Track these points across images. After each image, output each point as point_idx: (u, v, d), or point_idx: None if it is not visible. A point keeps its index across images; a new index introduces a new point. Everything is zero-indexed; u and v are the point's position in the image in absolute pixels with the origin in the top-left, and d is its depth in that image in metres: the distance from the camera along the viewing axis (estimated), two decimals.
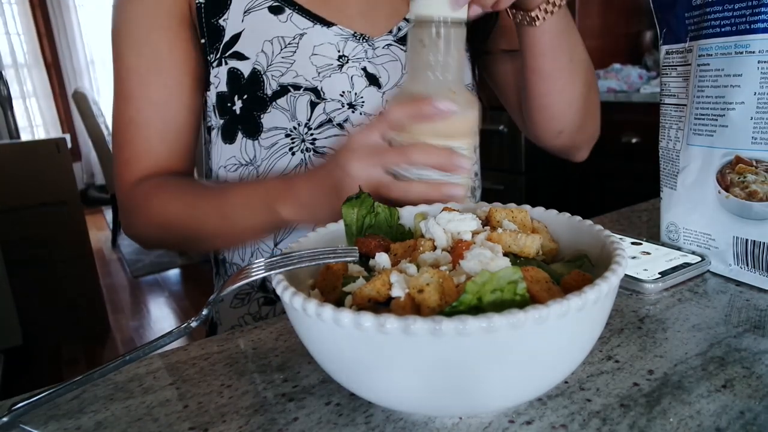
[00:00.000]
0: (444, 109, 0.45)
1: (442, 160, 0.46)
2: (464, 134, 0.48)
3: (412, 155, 0.46)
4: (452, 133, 0.47)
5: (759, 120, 0.47)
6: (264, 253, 0.68)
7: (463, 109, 0.47)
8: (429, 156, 0.46)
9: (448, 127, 0.47)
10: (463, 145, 0.48)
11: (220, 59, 0.64)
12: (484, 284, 0.29)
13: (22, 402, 0.36)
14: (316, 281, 0.38)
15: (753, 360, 0.39)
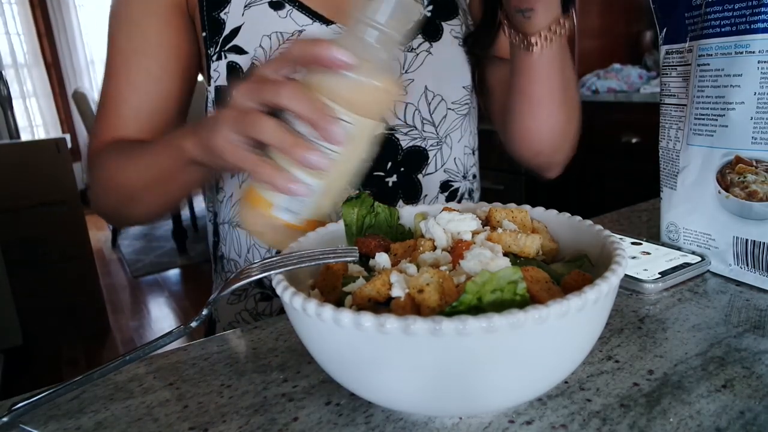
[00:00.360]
0: (341, 58, 0.38)
1: (313, 113, 0.38)
2: (359, 109, 0.40)
3: (282, 93, 0.39)
4: (345, 99, 0.39)
5: (759, 120, 0.47)
6: (261, 249, 0.68)
7: (370, 84, 0.40)
8: (300, 102, 0.38)
9: (343, 90, 0.39)
10: (352, 121, 0.40)
11: (220, 53, 0.64)
12: (484, 284, 0.29)
13: (22, 402, 0.36)
14: (316, 281, 0.38)
15: (753, 360, 0.39)
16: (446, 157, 0.72)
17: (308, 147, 0.39)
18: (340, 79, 0.39)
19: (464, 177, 0.75)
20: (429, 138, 0.70)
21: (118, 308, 2.78)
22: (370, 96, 0.40)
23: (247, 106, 0.41)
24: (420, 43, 0.68)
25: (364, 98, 0.40)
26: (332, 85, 0.39)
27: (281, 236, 0.43)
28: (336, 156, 0.40)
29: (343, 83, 0.39)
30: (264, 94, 0.40)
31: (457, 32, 0.71)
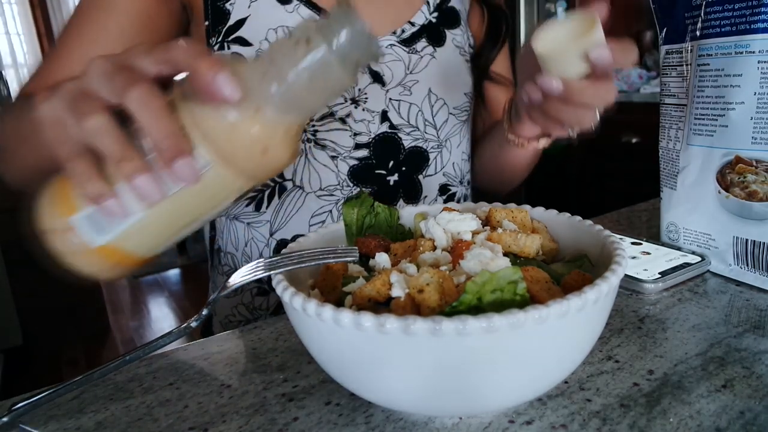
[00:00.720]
0: (222, 90, 0.30)
1: (161, 136, 0.30)
2: (223, 155, 0.31)
3: (132, 96, 0.30)
4: (211, 137, 0.31)
5: (759, 120, 0.47)
6: (258, 242, 0.68)
7: (249, 134, 0.31)
8: (150, 114, 0.30)
9: (213, 126, 0.31)
10: (208, 165, 0.31)
11: (222, 43, 0.63)
12: (484, 284, 0.29)
13: (22, 402, 0.36)
14: (316, 281, 0.38)
15: (753, 360, 0.39)
16: (445, 161, 0.73)
17: (140, 165, 0.30)
18: (216, 111, 0.31)
19: (461, 182, 0.76)
20: (430, 140, 0.71)
21: (118, 308, 2.77)
22: (242, 146, 0.31)
23: (92, 89, 0.32)
24: (424, 46, 0.69)
25: (234, 145, 0.31)
26: (204, 113, 0.31)
27: (69, 248, 0.35)
28: (174, 193, 0.32)
29: (217, 117, 0.31)
30: (114, 84, 0.31)
31: (459, 41, 0.72)
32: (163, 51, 0.32)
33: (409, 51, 0.68)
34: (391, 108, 0.67)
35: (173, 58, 0.32)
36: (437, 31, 0.70)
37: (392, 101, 0.67)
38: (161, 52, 0.32)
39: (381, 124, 0.67)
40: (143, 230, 0.34)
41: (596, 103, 0.43)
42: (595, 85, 0.41)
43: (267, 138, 0.32)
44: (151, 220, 0.33)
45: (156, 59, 0.32)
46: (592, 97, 0.41)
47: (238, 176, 0.33)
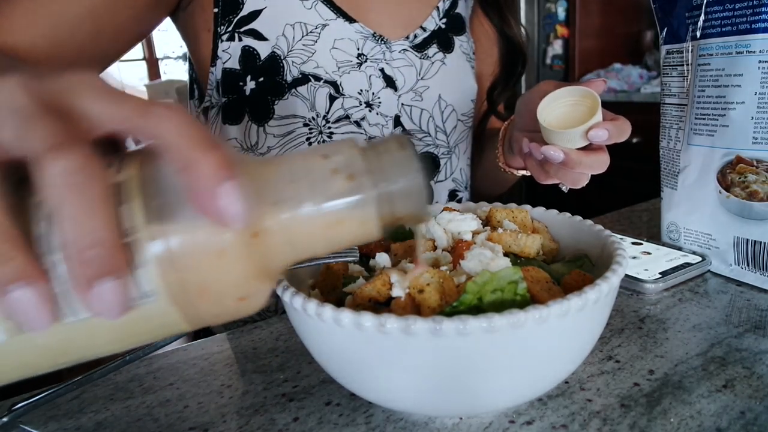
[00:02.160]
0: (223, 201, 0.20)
1: (90, 241, 0.19)
2: (175, 283, 0.21)
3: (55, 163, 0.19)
4: (174, 251, 0.21)
5: (760, 120, 0.47)
6: None
7: (235, 264, 0.22)
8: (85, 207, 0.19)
9: (183, 242, 0.21)
10: (152, 293, 0.21)
11: (233, 33, 0.61)
12: (485, 284, 0.29)
13: (22, 402, 0.36)
14: (317, 281, 0.38)
15: (754, 360, 0.39)
16: (454, 167, 0.74)
17: (27, 271, 0.19)
18: (200, 229, 0.21)
19: (466, 188, 0.77)
20: (441, 146, 0.72)
21: None
22: (221, 287, 0.22)
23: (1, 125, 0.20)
24: (435, 52, 0.70)
25: (208, 283, 0.22)
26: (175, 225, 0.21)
27: None
28: (70, 320, 0.20)
29: (197, 237, 0.21)
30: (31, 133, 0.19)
31: (465, 48, 0.73)
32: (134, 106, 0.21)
33: (421, 56, 0.69)
34: (403, 113, 0.68)
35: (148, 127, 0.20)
36: (446, 37, 0.71)
37: (404, 106, 0.68)
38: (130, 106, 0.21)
39: (394, 129, 0.67)
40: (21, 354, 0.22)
41: (591, 171, 0.46)
42: (591, 157, 0.45)
43: (258, 278, 0.23)
44: (12, 351, 0.21)
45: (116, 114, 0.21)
46: (586, 167, 0.45)
47: (185, 320, 0.22)
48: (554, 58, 2.55)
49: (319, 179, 0.23)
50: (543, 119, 0.44)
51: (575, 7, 2.40)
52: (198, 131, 0.20)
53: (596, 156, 0.45)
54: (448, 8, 0.72)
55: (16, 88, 0.20)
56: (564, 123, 0.44)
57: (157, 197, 0.21)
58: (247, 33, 0.61)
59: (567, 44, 2.50)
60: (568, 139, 0.44)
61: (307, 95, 0.62)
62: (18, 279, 0.19)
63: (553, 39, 2.53)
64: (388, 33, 0.67)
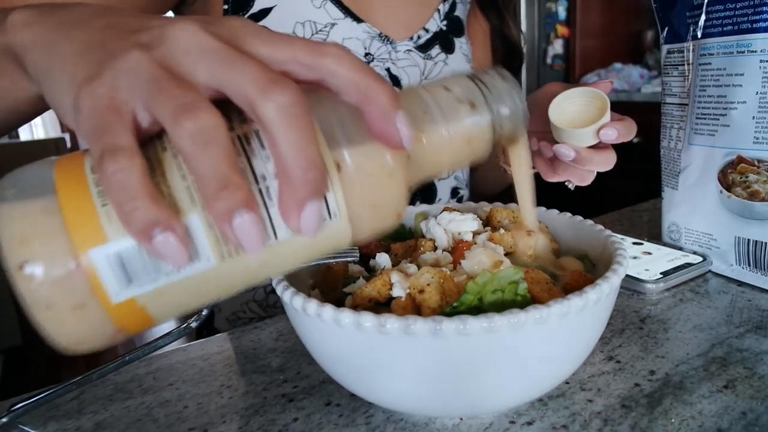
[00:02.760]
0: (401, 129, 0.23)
1: (298, 161, 0.21)
2: (360, 207, 0.24)
3: (272, 95, 0.20)
4: (355, 182, 0.24)
5: (761, 120, 0.47)
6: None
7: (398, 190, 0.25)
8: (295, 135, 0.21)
9: (371, 168, 0.24)
10: (337, 215, 0.23)
11: None
12: (485, 284, 0.28)
13: (22, 402, 0.35)
14: (317, 281, 0.38)
15: (755, 360, 0.39)
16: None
17: (245, 197, 0.20)
18: (377, 155, 0.24)
19: (466, 185, 0.79)
20: None
21: None
22: (387, 202, 0.25)
23: (189, 69, 0.21)
24: (438, 53, 0.71)
25: (378, 199, 0.25)
26: (359, 151, 0.24)
27: (64, 298, 0.21)
28: (274, 242, 0.23)
29: (375, 161, 0.24)
30: (243, 78, 0.21)
31: (464, 50, 0.75)
32: (305, 47, 0.23)
33: (425, 57, 0.70)
34: None
35: (324, 65, 0.22)
36: (447, 38, 0.72)
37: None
38: (302, 47, 0.23)
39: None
40: (197, 286, 0.23)
41: (599, 168, 0.49)
42: (601, 155, 0.47)
43: (408, 193, 0.26)
44: (219, 274, 0.23)
45: (290, 55, 0.22)
46: (596, 165, 0.48)
47: (353, 235, 0.25)
48: (555, 58, 2.55)
49: (448, 109, 0.27)
50: (555, 119, 0.46)
51: (576, 7, 2.40)
52: (368, 68, 0.23)
53: (605, 154, 0.47)
54: (447, 11, 0.73)
55: (199, 31, 0.21)
56: (575, 122, 0.47)
57: (334, 129, 0.23)
58: None
59: (567, 44, 2.50)
60: (579, 138, 0.46)
61: None
62: (245, 206, 0.20)
63: (553, 38, 2.53)
64: (393, 34, 0.68)
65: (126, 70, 0.21)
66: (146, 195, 0.20)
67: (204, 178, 0.20)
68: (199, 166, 0.20)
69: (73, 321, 0.22)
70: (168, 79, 0.21)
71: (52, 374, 2.13)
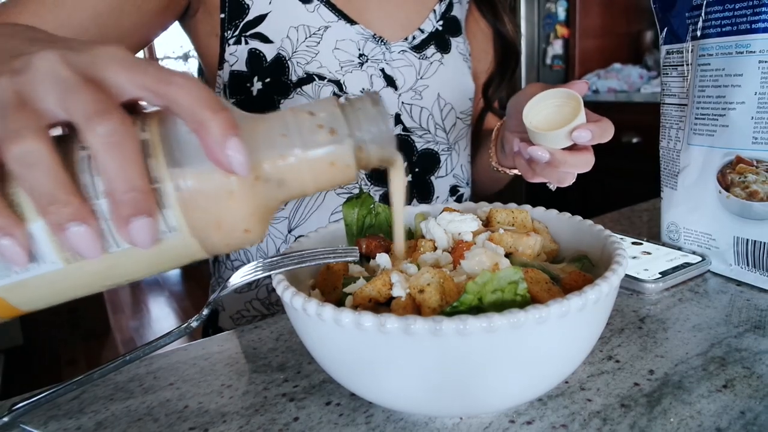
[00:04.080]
0: (228, 153, 0.24)
1: (125, 188, 0.23)
2: (197, 222, 0.26)
3: (96, 127, 0.23)
4: (188, 199, 0.25)
5: (760, 120, 0.47)
6: (276, 238, 0.69)
7: (236, 205, 0.26)
8: (121, 163, 0.23)
9: (197, 187, 0.25)
10: (174, 228, 0.26)
11: (240, 37, 0.63)
12: (485, 284, 0.29)
13: (23, 402, 0.36)
14: (317, 281, 0.38)
15: (754, 360, 0.39)
16: (455, 163, 0.75)
17: (78, 213, 0.23)
18: (204, 173, 0.25)
19: (467, 183, 0.79)
20: (441, 143, 0.73)
21: (119, 308, 2.78)
22: (231, 221, 0.27)
23: (37, 96, 0.24)
24: (433, 53, 0.71)
25: (220, 219, 0.26)
26: (187, 171, 0.25)
27: None
28: (114, 250, 0.25)
29: (209, 182, 0.25)
30: (75, 102, 0.23)
31: (462, 49, 0.75)
32: (159, 78, 0.25)
33: (420, 57, 0.70)
34: (403, 111, 0.69)
35: (173, 97, 0.24)
36: (443, 38, 0.73)
37: (404, 105, 0.69)
38: (152, 76, 0.25)
39: (394, 127, 0.69)
40: (49, 284, 0.26)
41: (576, 170, 0.48)
42: (576, 156, 0.47)
43: (258, 213, 0.28)
44: (68, 276, 0.26)
45: (140, 83, 0.25)
46: (573, 166, 0.47)
47: (203, 248, 0.27)
48: (554, 58, 2.55)
49: (307, 133, 0.28)
50: (529, 121, 0.46)
51: (575, 7, 2.39)
52: (208, 96, 0.25)
53: (581, 156, 0.47)
54: (444, 11, 0.73)
55: (57, 61, 0.24)
56: (549, 124, 0.46)
57: (176, 151, 0.25)
58: (254, 36, 0.63)
59: (567, 44, 2.50)
60: (552, 140, 0.46)
61: (312, 94, 0.64)
62: (75, 218, 0.23)
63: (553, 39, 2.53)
64: (387, 35, 0.68)
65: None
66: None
67: (36, 193, 0.23)
68: (32, 182, 0.23)
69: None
70: (14, 105, 0.24)
71: (53, 374, 2.14)
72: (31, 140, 0.23)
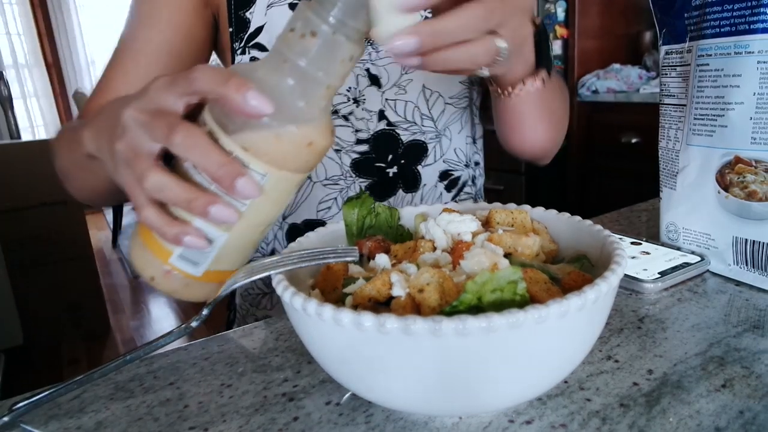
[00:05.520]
0: (255, 106, 0.31)
1: (215, 168, 0.32)
2: (274, 161, 0.33)
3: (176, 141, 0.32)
4: (257, 149, 0.33)
5: (758, 120, 0.47)
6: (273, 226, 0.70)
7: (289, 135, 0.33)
8: (198, 152, 0.32)
9: (255, 140, 0.32)
10: (264, 174, 0.33)
11: (244, 48, 0.67)
12: (484, 284, 0.29)
13: (23, 401, 0.36)
14: (317, 281, 0.39)
15: (752, 360, 0.39)
16: (446, 149, 0.75)
17: (208, 199, 0.33)
18: (253, 125, 0.32)
19: (466, 165, 0.78)
20: (428, 132, 0.73)
21: (119, 308, 2.77)
22: (289, 148, 0.33)
23: (137, 144, 0.34)
24: None
25: (281, 150, 0.33)
26: (242, 132, 0.32)
27: (178, 285, 0.37)
28: (245, 208, 0.34)
29: (255, 131, 0.32)
30: (155, 134, 0.33)
31: None
32: (185, 83, 0.33)
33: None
34: (387, 107, 0.70)
35: (197, 89, 0.33)
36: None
37: (388, 101, 0.70)
38: (183, 85, 0.33)
39: (379, 122, 0.70)
40: (232, 249, 0.37)
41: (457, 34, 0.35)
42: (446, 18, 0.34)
43: (308, 132, 0.34)
44: (234, 238, 0.36)
45: (180, 93, 0.34)
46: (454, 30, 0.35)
47: (294, 174, 0.35)
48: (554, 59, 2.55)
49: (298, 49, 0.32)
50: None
51: (574, 8, 2.39)
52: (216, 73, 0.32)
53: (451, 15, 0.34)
54: None
55: (132, 113, 0.35)
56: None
57: (229, 125, 0.33)
58: (254, 47, 0.67)
59: (566, 44, 2.50)
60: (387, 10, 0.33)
61: None
62: (207, 204, 0.33)
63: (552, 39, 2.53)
64: None
65: (114, 152, 0.36)
66: (167, 223, 0.34)
67: (178, 202, 0.34)
68: (171, 198, 0.34)
69: (189, 291, 0.38)
70: (131, 158, 0.34)
71: (53, 373, 2.14)
72: (152, 174, 0.33)
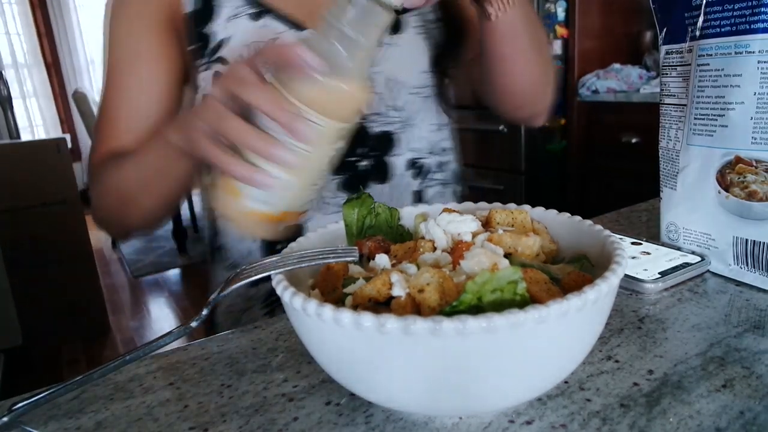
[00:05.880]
0: (309, 62, 0.39)
1: (281, 115, 0.40)
2: (325, 111, 0.41)
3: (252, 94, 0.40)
4: (312, 101, 0.40)
5: (759, 120, 0.47)
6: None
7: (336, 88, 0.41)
8: (269, 103, 0.40)
9: (310, 93, 0.40)
10: (319, 122, 0.41)
11: (207, 64, 0.68)
12: (484, 284, 0.29)
13: (23, 402, 0.36)
14: (317, 281, 0.39)
15: (753, 360, 0.39)
16: (412, 138, 0.76)
17: (275, 144, 0.40)
18: (308, 81, 0.40)
19: (431, 152, 0.78)
20: (394, 122, 0.74)
21: (119, 308, 2.77)
22: (337, 99, 0.41)
23: (219, 104, 0.42)
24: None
25: (331, 101, 0.41)
26: (300, 87, 0.40)
27: (255, 225, 0.44)
28: (305, 152, 0.41)
29: (310, 86, 0.40)
30: (236, 93, 0.41)
31: (415, 22, 0.74)
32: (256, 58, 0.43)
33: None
34: None
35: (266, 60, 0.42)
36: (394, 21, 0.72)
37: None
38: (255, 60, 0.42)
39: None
40: (296, 189, 0.43)
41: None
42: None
43: (352, 88, 0.41)
44: (298, 179, 0.43)
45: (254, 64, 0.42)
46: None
47: (342, 122, 0.42)
48: (554, 59, 2.55)
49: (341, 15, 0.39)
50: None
51: (574, 8, 2.39)
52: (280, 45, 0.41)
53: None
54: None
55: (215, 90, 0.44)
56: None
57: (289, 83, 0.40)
58: (216, 61, 0.68)
59: (566, 44, 2.50)
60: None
61: None
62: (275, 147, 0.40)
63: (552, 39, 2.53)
64: None
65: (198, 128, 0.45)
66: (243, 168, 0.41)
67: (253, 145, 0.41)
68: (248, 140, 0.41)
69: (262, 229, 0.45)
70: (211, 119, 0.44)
71: (53, 374, 2.14)
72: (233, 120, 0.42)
